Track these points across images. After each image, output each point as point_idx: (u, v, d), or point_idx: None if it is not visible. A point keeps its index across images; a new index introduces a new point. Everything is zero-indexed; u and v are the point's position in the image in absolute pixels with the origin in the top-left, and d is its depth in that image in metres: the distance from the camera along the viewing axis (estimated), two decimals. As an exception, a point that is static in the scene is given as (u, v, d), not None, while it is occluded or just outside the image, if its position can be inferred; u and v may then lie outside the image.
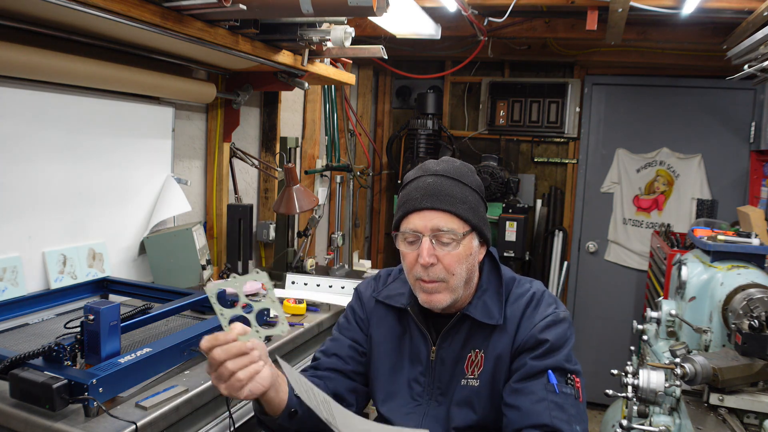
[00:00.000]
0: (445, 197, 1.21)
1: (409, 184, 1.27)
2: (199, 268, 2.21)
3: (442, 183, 1.23)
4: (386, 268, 1.50)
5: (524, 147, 4.29)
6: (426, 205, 1.21)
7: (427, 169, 1.28)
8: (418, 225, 1.21)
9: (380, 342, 1.37)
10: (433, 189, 1.22)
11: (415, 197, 1.23)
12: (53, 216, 1.87)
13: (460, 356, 1.28)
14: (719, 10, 2.52)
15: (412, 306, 1.33)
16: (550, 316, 1.24)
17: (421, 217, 1.21)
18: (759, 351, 1.67)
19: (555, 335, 1.22)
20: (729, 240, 2.13)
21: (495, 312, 1.26)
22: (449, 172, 1.26)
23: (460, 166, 1.29)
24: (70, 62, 1.70)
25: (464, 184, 1.25)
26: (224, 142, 2.60)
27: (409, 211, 1.23)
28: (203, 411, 1.46)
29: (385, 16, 1.78)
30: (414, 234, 1.22)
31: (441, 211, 1.20)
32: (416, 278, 1.24)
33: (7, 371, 1.23)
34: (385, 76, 4.49)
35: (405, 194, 1.26)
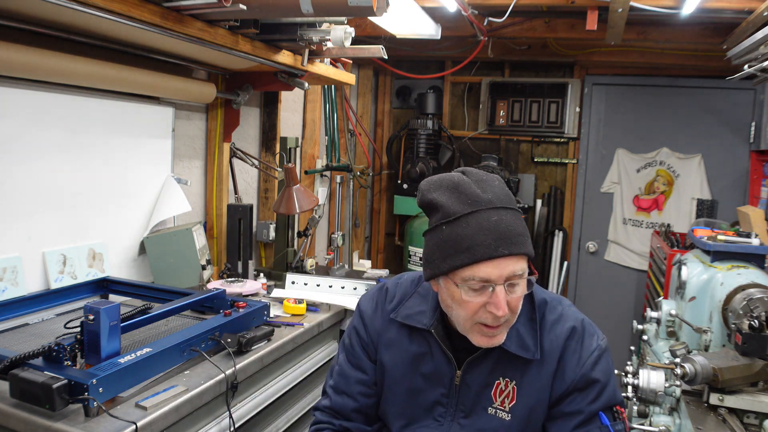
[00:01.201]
0: (517, 238, 1.08)
1: (460, 222, 1.08)
2: (199, 268, 2.21)
3: (507, 219, 1.08)
4: (392, 280, 1.37)
5: (524, 147, 4.29)
6: (503, 253, 1.06)
7: (477, 199, 1.09)
8: (493, 274, 1.06)
9: (393, 366, 1.27)
10: (504, 230, 1.07)
11: (484, 242, 1.05)
12: (53, 216, 1.87)
13: (487, 382, 1.20)
14: (719, 10, 2.52)
15: (435, 327, 1.22)
16: (596, 351, 1.18)
17: (495, 265, 1.06)
18: (759, 351, 1.67)
19: (603, 372, 1.17)
20: (729, 240, 2.13)
21: (530, 344, 1.18)
22: (504, 200, 1.11)
23: (503, 187, 1.15)
24: (70, 62, 1.70)
25: (518, 211, 1.13)
26: (224, 142, 2.60)
27: (480, 259, 1.06)
28: (203, 411, 1.46)
29: (385, 16, 1.79)
30: (483, 283, 1.07)
31: (517, 256, 1.08)
32: (476, 323, 1.12)
33: (7, 371, 1.23)
34: (385, 76, 4.49)
35: (464, 236, 1.07)
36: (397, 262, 4.65)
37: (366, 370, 1.31)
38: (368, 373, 1.30)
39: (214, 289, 1.88)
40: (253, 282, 2.35)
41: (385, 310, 1.31)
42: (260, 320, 1.80)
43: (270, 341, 1.77)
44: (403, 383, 1.25)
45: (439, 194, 1.12)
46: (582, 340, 1.19)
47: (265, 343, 1.75)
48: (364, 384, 1.30)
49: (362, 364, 1.31)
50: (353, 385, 1.30)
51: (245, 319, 1.73)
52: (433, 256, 1.12)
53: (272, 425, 1.84)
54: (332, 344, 2.25)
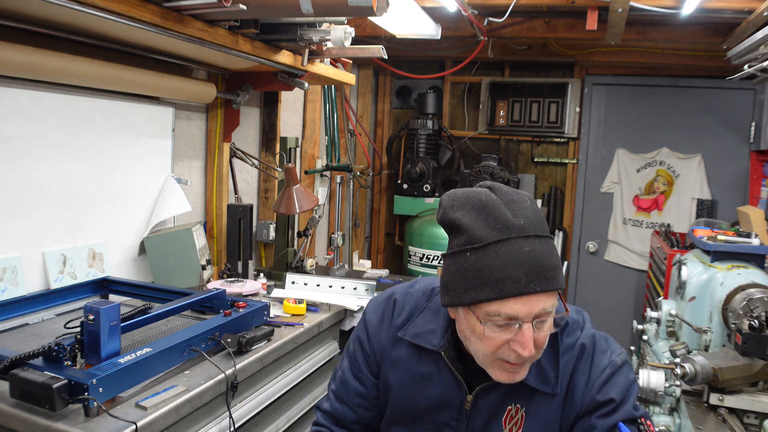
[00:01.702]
0: (550, 272, 0.97)
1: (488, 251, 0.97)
2: (199, 268, 2.21)
3: (540, 250, 0.97)
4: (402, 288, 1.27)
5: (524, 147, 4.29)
6: (534, 289, 0.95)
7: (507, 225, 0.97)
8: (521, 312, 0.96)
9: (400, 386, 1.20)
10: (537, 263, 0.96)
11: (514, 276, 0.95)
12: (53, 216, 1.87)
13: (499, 408, 1.13)
14: (719, 10, 2.52)
15: (446, 349, 1.14)
16: (607, 369, 1.08)
17: (525, 302, 0.96)
18: (759, 351, 1.67)
19: (618, 389, 1.06)
20: (729, 240, 2.13)
21: (551, 376, 1.09)
22: (537, 226, 0.99)
23: (536, 209, 1.03)
24: (70, 62, 1.70)
25: (550, 237, 1.02)
26: (224, 142, 2.60)
27: (509, 295, 0.95)
28: (203, 411, 1.46)
29: (385, 16, 1.79)
30: (511, 320, 0.98)
31: (549, 292, 0.98)
32: (497, 359, 1.03)
33: (7, 371, 1.23)
34: (385, 76, 4.49)
35: (492, 268, 0.96)
36: (397, 262, 4.65)
37: (366, 384, 1.25)
38: (368, 386, 1.25)
39: (214, 289, 1.88)
40: (253, 282, 2.35)
41: (392, 324, 1.22)
42: (260, 320, 1.80)
43: (270, 341, 1.77)
44: (410, 404, 1.20)
45: (464, 214, 1.00)
46: (591, 359, 1.10)
47: (265, 343, 1.75)
48: (363, 397, 1.26)
49: (363, 377, 1.26)
50: (352, 396, 1.26)
51: (245, 319, 1.73)
52: (454, 284, 1.01)
53: (272, 425, 1.84)
54: (332, 344, 2.25)
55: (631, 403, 1.07)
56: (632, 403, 1.07)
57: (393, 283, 2.90)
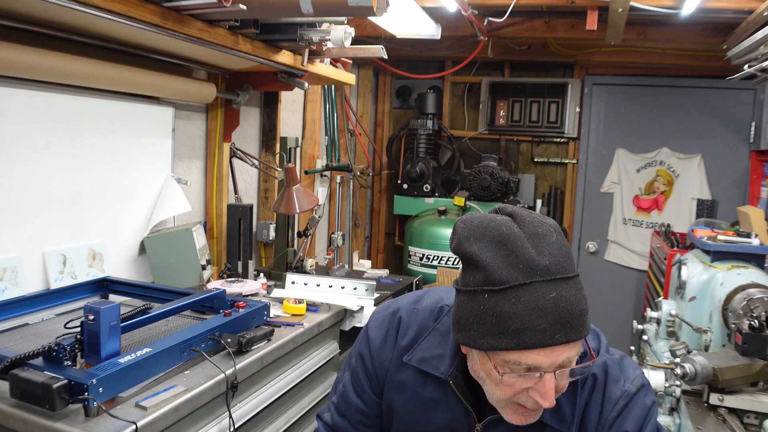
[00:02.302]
0: (577, 320, 0.89)
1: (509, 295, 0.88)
2: (199, 268, 2.21)
3: (568, 295, 0.88)
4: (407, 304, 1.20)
5: (524, 147, 4.29)
6: (560, 341, 0.87)
7: (531, 266, 0.88)
8: (543, 363, 0.89)
9: (404, 411, 1.15)
10: (564, 312, 0.87)
11: (538, 327, 0.86)
12: (53, 216, 1.87)
13: None
14: (719, 10, 2.52)
15: (455, 378, 1.07)
16: (620, 401, 1.00)
17: (548, 353, 0.88)
18: (759, 351, 1.67)
19: (634, 420, 0.99)
20: (729, 240, 2.13)
21: (567, 414, 1.02)
22: (564, 266, 0.90)
23: (563, 243, 0.93)
24: (70, 62, 1.70)
25: (577, 276, 0.92)
26: (224, 142, 2.60)
27: (531, 347, 0.88)
28: (203, 411, 1.46)
29: (385, 16, 1.79)
30: (529, 370, 0.91)
31: (574, 343, 0.90)
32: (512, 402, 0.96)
33: (7, 371, 1.23)
34: (385, 76, 4.49)
35: (513, 315, 0.87)
36: (397, 262, 4.66)
37: (367, 402, 1.21)
38: (369, 405, 1.21)
39: (214, 289, 1.88)
40: (253, 282, 2.35)
41: (397, 345, 1.15)
42: (260, 320, 1.80)
43: (270, 341, 1.77)
44: (416, 429, 1.15)
45: (482, 248, 0.91)
46: (604, 391, 1.02)
47: (265, 343, 1.75)
48: (364, 415, 1.22)
49: (364, 395, 1.21)
50: (353, 413, 1.23)
51: (245, 319, 1.73)
52: (469, 325, 0.92)
53: (272, 425, 1.84)
54: (332, 344, 2.25)
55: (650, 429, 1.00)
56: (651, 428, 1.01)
57: (393, 283, 2.90)
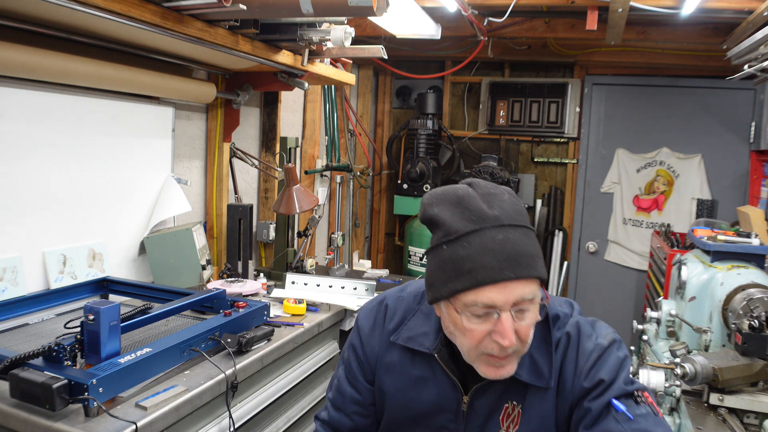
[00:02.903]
0: (525, 259, 0.97)
1: (462, 242, 0.97)
2: (199, 268, 2.21)
3: (515, 238, 0.97)
4: (393, 293, 1.27)
5: (524, 147, 4.29)
6: (509, 276, 0.95)
7: (481, 215, 0.98)
8: (497, 300, 0.96)
9: (395, 391, 1.19)
10: (511, 250, 0.96)
11: (488, 264, 0.95)
12: (53, 216, 1.87)
13: (495, 407, 1.11)
14: (719, 10, 2.52)
15: (440, 351, 1.13)
16: (594, 353, 1.06)
17: (500, 290, 0.95)
18: (759, 351, 1.67)
19: (607, 369, 1.04)
20: (729, 240, 2.13)
21: (545, 371, 1.07)
22: (513, 217, 1.00)
23: (514, 202, 1.03)
24: (70, 62, 1.70)
25: (530, 229, 1.02)
26: (224, 142, 2.61)
27: (483, 283, 0.95)
28: (203, 411, 1.46)
29: (385, 16, 1.79)
30: (487, 309, 0.97)
31: (526, 279, 0.97)
32: (482, 353, 1.02)
33: (7, 371, 1.23)
34: (385, 76, 4.49)
35: (466, 257, 0.96)
36: (397, 262, 4.65)
37: (361, 391, 1.25)
38: (363, 394, 1.25)
39: (214, 289, 1.88)
40: (253, 282, 2.35)
41: (384, 329, 1.21)
42: (260, 320, 1.80)
43: (270, 341, 1.77)
44: (407, 409, 1.18)
45: (441, 209, 1.02)
46: (578, 347, 1.08)
47: (265, 343, 1.75)
48: (359, 404, 1.25)
49: (358, 385, 1.25)
50: (349, 404, 1.26)
51: (245, 319, 1.73)
52: (434, 279, 1.02)
53: (272, 425, 1.84)
54: (332, 344, 2.25)
55: (623, 379, 1.05)
56: (624, 379, 1.05)
57: (393, 283, 2.90)
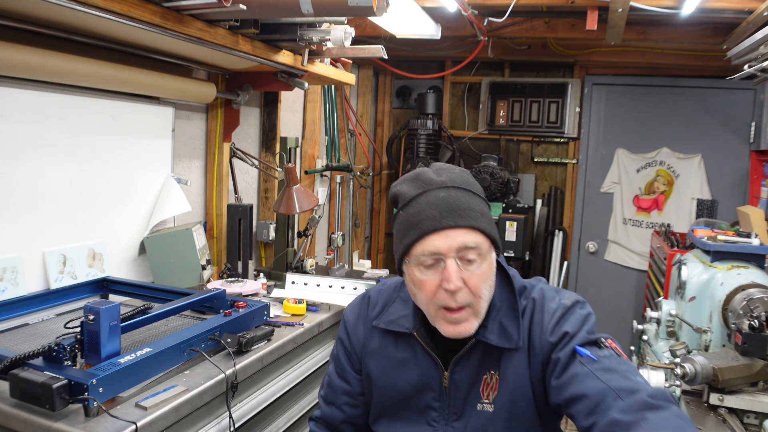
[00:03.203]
0: (465, 211, 1.08)
1: (412, 203, 1.11)
2: (199, 268, 2.21)
3: (457, 196, 1.09)
4: (376, 286, 1.37)
5: (524, 147, 4.29)
6: (448, 224, 1.06)
7: (429, 182, 1.11)
8: (441, 246, 1.06)
9: (380, 375, 1.25)
10: (452, 204, 1.08)
11: (430, 215, 1.07)
12: (53, 216, 1.87)
13: (475, 379, 1.17)
14: (719, 10, 2.52)
15: (418, 330, 1.20)
16: (557, 311, 1.13)
17: (442, 237, 1.06)
18: (759, 351, 1.67)
19: (571, 323, 1.11)
20: (729, 240, 2.13)
21: (513, 333, 1.14)
22: (458, 182, 1.12)
23: (463, 174, 1.16)
24: (70, 62, 1.70)
25: (476, 194, 1.13)
26: (224, 142, 2.60)
27: (427, 232, 1.06)
28: (203, 411, 1.46)
29: (385, 16, 1.79)
30: (434, 257, 1.07)
31: (465, 228, 1.07)
32: (439, 307, 1.09)
33: (7, 371, 1.23)
34: (385, 76, 4.49)
35: (413, 214, 1.09)
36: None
37: (350, 381, 1.30)
38: (352, 384, 1.30)
39: (214, 289, 1.88)
40: (253, 282, 2.35)
41: (368, 318, 1.29)
42: (260, 320, 1.80)
43: (270, 341, 1.77)
44: (393, 391, 1.23)
45: (401, 185, 1.16)
46: (543, 308, 1.15)
47: (265, 343, 1.75)
48: (349, 395, 1.30)
49: (347, 375, 1.31)
50: (339, 395, 1.31)
51: (245, 319, 1.73)
52: (395, 245, 1.15)
53: (272, 425, 1.84)
54: (332, 344, 2.25)
55: (587, 329, 1.10)
56: (588, 330, 1.10)
57: (393, 283, 2.90)
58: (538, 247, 4.21)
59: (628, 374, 1.01)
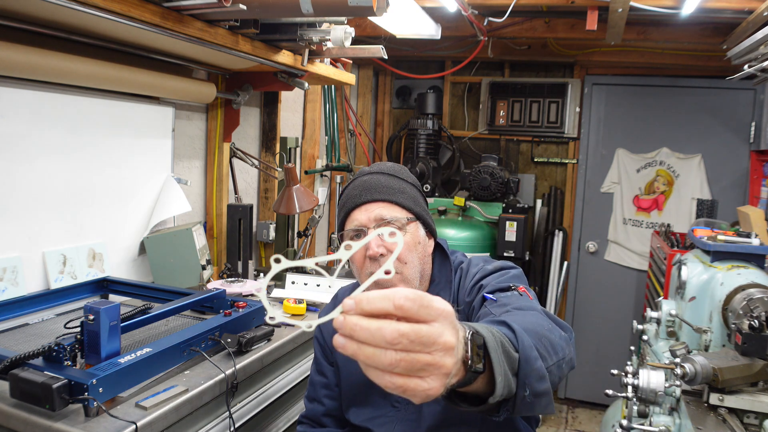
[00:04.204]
0: (383, 189, 1.25)
1: (346, 189, 1.31)
2: (199, 268, 2.21)
3: (379, 179, 1.27)
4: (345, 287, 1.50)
5: (524, 147, 4.29)
6: (366, 199, 1.24)
7: (361, 171, 1.33)
8: (362, 219, 1.23)
9: (345, 362, 1.34)
10: (370, 184, 1.25)
11: (353, 195, 1.26)
12: (53, 216, 1.87)
13: None
14: (719, 10, 2.52)
15: None
16: (478, 274, 1.25)
17: (362, 211, 1.23)
18: (759, 351, 1.67)
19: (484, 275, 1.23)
20: (729, 240, 2.12)
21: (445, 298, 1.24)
22: (383, 169, 1.31)
23: (394, 165, 1.34)
24: (70, 62, 1.70)
25: (400, 179, 1.29)
26: (224, 142, 2.60)
27: (350, 208, 1.25)
28: (203, 411, 1.46)
29: (385, 16, 1.79)
30: (358, 230, 1.24)
31: (382, 202, 1.24)
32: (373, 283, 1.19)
33: (7, 371, 1.23)
34: (385, 76, 4.49)
35: (343, 197, 1.30)
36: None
37: (326, 374, 1.39)
38: (329, 376, 1.39)
39: (214, 289, 1.88)
40: (253, 282, 2.35)
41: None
42: (260, 320, 1.80)
43: (270, 341, 1.77)
44: (358, 377, 1.28)
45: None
46: (467, 273, 1.27)
47: (265, 343, 1.75)
48: (327, 387, 1.39)
49: (323, 369, 1.40)
50: (319, 389, 1.40)
51: (245, 319, 1.73)
52: None
53: (272, 425, 1.84)
54: (332, 344, 2.25)
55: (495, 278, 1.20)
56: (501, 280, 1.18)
57: (393, 283, 2.90)
58: (538, 247, 4.21)
59: (525, 307, 1.05)
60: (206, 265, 2.26)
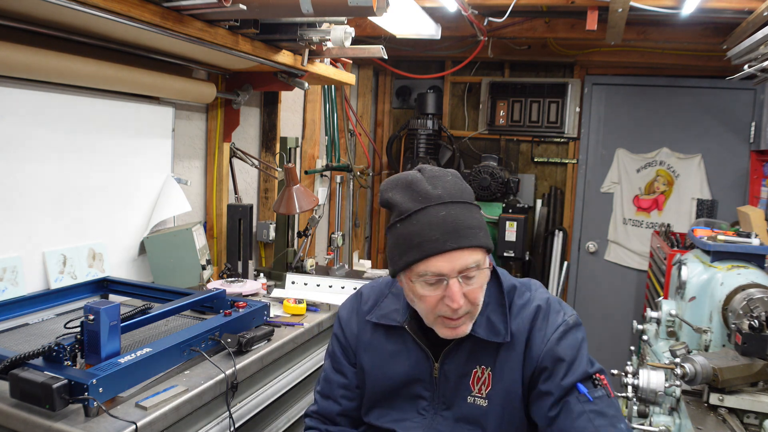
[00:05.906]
0: (466, 231, 1.10)
1: (411, 219, 1.11)
2: (199, 268, 2.21)
3: (456, 213, 1.11)
4: (368, 283, 1.42)
5: (524, 147, 4.29)
6: (452, 247, 1.08)
7: (427, 196, 1.12)
8: (444, 268, 1.09)
9: (373, 367, 1.30)
10: (453, 224, 1.09)
11: (432, 237, 1.09)
12: (53, 216, 1.87)
13: (464, 371, 1.22)
14: (719, 10, 2.52)
15: (409, 323, 1.26)
16: (561, 327, 1.18)
17: (446, 259, 1.09)
18: (759, 351, 1.67)
19: (570, 348, 1.17)
20: (729, 240, 2.12)
21: (501, 328, 1.20)
22: (454, 195, 1.13)
23: (457, 181, 1.17)
24: (70, 62, 1.70)
25: (472, 204, 1.16)
26: (224, 142, 2.60)
27: (430, 254, 1.09)
28: (203, 411, 1.46)
29: (385, 16, 1.79)
30: (437, 277, 1.10)
31: (468, 249, 1.10)
32: (438, 316, 1.15)
33: (7, 371, 1.23)
34: (385, 76, 4.49)
35: (414, 233, 1.10)
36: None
37: (347, 375, 1.35)
38: (349, 377, 1.35)
39: (214, 289, 1.88)
40: (253, 282, 2.35)
41: (360, 312, 1.34)
42: (260, 320, 1.80)
43: (270, 341, 1.77)
44: (385, 382, 1.28)
45: (394, 193, 1.16)
46: (547, 317, 1.21)
47: (265, 343, 1.75)
48: (346, 388, 1.35)
49: (343, 369, 1.35)
50: (336, 389, 1.35)
51: (245, 319, 1.73)
52: (392, 255, 1.16)
53: (272, 425, 1.84)
54: (332, 344, 2.25)
55: (583, 359, 1.17)
56: (585, 362, 1.17)
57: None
58: (538, 247, 4.21)
59: (615, 421, 1.11)
60: (206, 265, 2.26)
